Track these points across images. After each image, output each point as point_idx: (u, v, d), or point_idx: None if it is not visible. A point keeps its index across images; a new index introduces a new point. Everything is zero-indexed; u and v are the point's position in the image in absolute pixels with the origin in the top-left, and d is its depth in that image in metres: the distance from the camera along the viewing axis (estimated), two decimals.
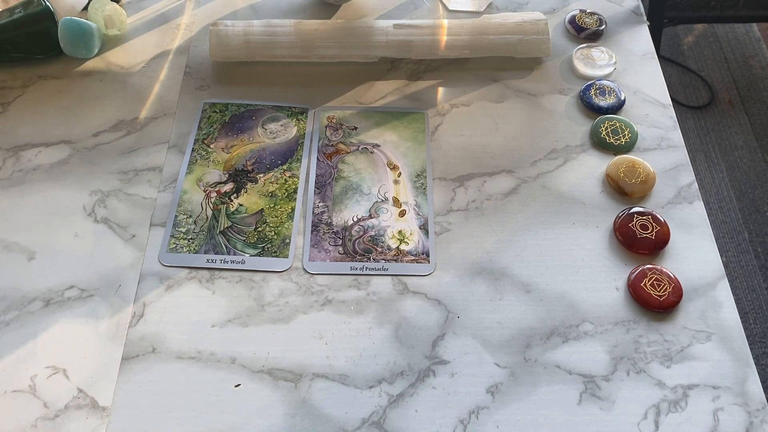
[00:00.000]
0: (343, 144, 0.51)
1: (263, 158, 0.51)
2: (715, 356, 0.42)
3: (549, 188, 0.50)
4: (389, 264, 0.45)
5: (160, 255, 0.45)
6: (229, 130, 0.52)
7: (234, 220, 0.47)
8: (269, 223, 0.47)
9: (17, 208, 0.48)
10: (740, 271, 1.23)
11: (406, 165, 0.51)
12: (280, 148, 0.51)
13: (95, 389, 0.40)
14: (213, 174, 0.49)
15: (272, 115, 0.53)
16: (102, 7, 0.58)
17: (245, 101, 0.54)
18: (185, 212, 0.47)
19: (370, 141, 0.52)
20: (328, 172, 0.50)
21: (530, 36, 0.57)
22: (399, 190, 0.49)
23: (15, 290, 0.44)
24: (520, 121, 0.54)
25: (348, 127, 0.52)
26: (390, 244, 0.46)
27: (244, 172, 0.50)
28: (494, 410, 0.40)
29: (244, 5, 0.62)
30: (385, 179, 0.50)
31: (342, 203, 0.48)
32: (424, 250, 0.46)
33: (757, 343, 1.13)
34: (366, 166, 0.50)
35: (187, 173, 0.49)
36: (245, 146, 0.51)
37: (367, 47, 0.57)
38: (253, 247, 0.46)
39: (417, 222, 0.47)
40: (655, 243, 0.46)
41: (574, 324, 0.43)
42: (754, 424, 0.39)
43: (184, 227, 0.47)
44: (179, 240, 0.46)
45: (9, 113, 0.54)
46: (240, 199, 0.48)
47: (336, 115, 0.53)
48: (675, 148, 0.52)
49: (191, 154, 0.51)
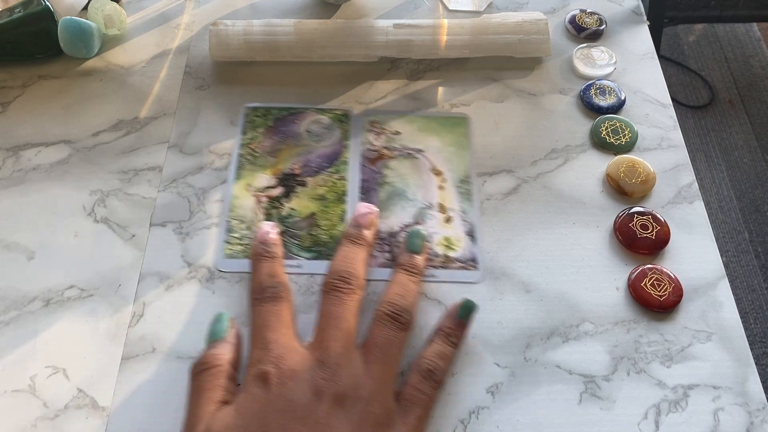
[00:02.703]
0: (387, 149, 0.51)
1: (310, 161, 0.50)
2: (715, 356, 0.42)
3: (549, 188, 0.50)
4: (437, 271, 0.45)
5: (216, 262, 0.45)
6: (273, 134, 0.52)
7: (287, 224, 0.47)
8: (322, 226, 0.47)
9: (17, 208, 0.48)
10: (740, 271, 1.22)
11: (450, 171, 0.50)
12: (325, 151, 0.51)
13: (95, 389, 0.40)
14: (262, 179, 0.49)
15: (315, 118, 0.52)
16: (102, 7, 0.58)
17: (287, 104, 0.54)
18: (237, 218, 0.47)
19: (414, 146, 0.51)
20: (373, 177, 0.49)
21: (530, 36, 0.57)
22: (444, 196, 0.48)
23: (15, 290, 0.44)
24: (520, 121, 0.54)
25: (391, 132, 0.52)
26: (437, 251, 0.46)
27: (293, 175, 0.49)
28: (494, 410, 0.40)
29: (244, 5, 0.62)
30: (429, 185, 0.49)
31: (388, 209, 0.48)
32: (472, 257, 0.46)
33: (757, 343, 1.13)
34: (410, 172, 0.50)
35: (236, 179, 0.49)
36: (291, 149, 0.51)
37: (367, 47, 0.57)
38: (308, 251, 0.46)
39: (463, 228, 0.47)
40: (655, 243, 0.46)
41: (575, 324, 0.43)
42: (755, 424, 0.39)
43: (237, 233, 0.46)
44: (234, 246, 0.46)
45: (9, 113, 0.54)
46: (291, 203, 0.48)
47: (378, 119, 0.53)
48: (675, 147, 0.52)
49: (238, 159, 0.50)
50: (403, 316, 0.40)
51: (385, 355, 0.38)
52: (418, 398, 0.38)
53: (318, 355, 0.38)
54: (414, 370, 0.39)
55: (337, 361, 0.37)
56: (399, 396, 0.38)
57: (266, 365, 0.37)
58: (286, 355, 0.38)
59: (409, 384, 0.39)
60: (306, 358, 0.38)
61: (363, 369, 0.37)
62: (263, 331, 0.39)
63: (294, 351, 0.38)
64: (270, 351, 0.38)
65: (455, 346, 0.41)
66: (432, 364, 0.39)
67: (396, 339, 0.39)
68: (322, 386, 0.36)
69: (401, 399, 0.38)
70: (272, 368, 0.37)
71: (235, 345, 0.40)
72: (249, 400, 0.36)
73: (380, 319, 0.40)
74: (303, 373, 0.37)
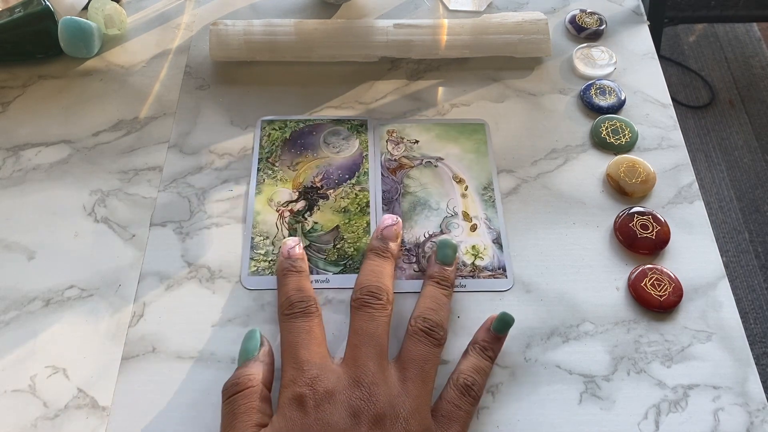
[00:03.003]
0: (406, 158, 0.50)
1: (330, 173, 0.50)
2: (715, 356, 0.42)
3: (549, 188, 0.50)
4: (466, 280, 0.45)
5: (243, 279, 0.45)
6: (291, 146, 0.51)
7: (311, 238, 0.46)
8: (347, 239, 0.46)
9: (17, 208, 0.48)
10: (740, 271, 1.22)
11: (471, 178, 0.50)
12: (345, 162, 0.50)
13: (95, 389, 0.40)
14: (283, 193, 0.48)
15: (333, 129, 0.52)
16: (102, 7, 0.58)
17: (303, 117, 0.53)
18: (261, 233, 0.46)
19: (433, 154, 0.51)
20: (394, 187, 0.49)
21: (530, 36, 0.57)
22: (467, 204, 0.48)
23: (15, 290, 0.44)
24: (520, 121, 0.54)
25: (409, 141, 0.51)
26: (465, 260, 0.46)
27: (314, 188, 0.49)
28: (494, 410, 0.40)
29: (244, 5, 0.62)
30: (452, 193, 0.49)
31: (411, 219, 0.47)
32: (500, 264, 0.45)
33: (757, 343, 1.13)
34: (432, 181, 0.49)
35: (256, 193, 0.49)
36: (310, 162, 0.50)
37: (368, 47, 0.57)
38: (335, 264, 0.45)
39: (489, 236, 0.47)
40: (655, 243, 0.46)
41: (575, 324, 0.43)
42: (755, 424, 0.39)
43: (262, 249, 0.46)
44: (260, 262, 0.45)
45: (9, 113, 0.54)
46: (314, 217, 0.47)
47: (396, 128, 0.52)
48: (675, 147, 0.52)
49: (257, 173, 0.50)
50: (437, 332, 0.39)
51: (421, 371, 0.37)
52: (456, 414, 0.37)
53: (353, 375, 0.37)
54: (450, 385, 0.38)
55: (372, 380, 0.36)
56: (435, 412, 0.37)
57: (301, 387, 0.36)
58: (320, 376, 0.37)
59: (446, 399, 0.38)
60: (341, 378, 0.37)
61: (399, 387, 0.37)
62: (296, 349, 0.38)
63: (328, 370, 0.37)
64: (304, 371, 0.37)
65: (492, 360, 0.40)
66: (469, 379, 0.38)
67: (431, 355, 0.38)
68: (359, 407, 0.35)
69: (438, 415, 0.37)
70: (308, 390, 0.36)
71: (267, 364, 0.39)
72: (286, 424, 0.35)
73: (414, 335, 0.39)
74: (339, 395, 0.36)
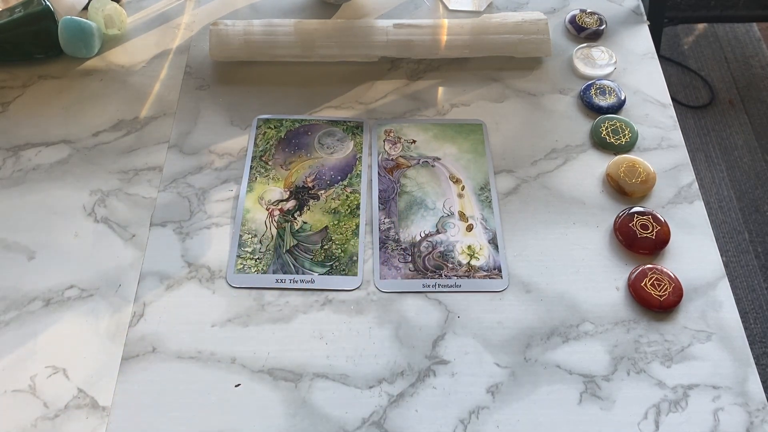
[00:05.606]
0: (403, 158, 0.51)
1: (323, 174, 0.50)
2: (715, 356, 0.42)
3: (549, 188, 0.50)
4: (462, 280, 0.45)
5: (228, 276, 0.45)
6: (285, 146, 0.51)
7: (299, 238, 0.46)
8: (335, 240, 0.46)
9: (17, 208, 0.48)
10: (740, 271, 1.22)
11: (468, 178, 0.50)
12: (338, 164, 0.50)
13: (95, 389, 0.40)
14: (274, 192, 0.49)
15: (328, 130, 0.52)
16: (102, 7, 0.58)
17: (299, 116, 0.53)
18: (249, 231, 0.47)
19: (431, 154, 0.51)
20: (391, 187, 0.49)
21: (530, 36, 0.57)
22: (464, 204, 0.48)
23: (15, 290, 0.44)
24: (520, 121, 0.54)
25: (407, 141, 0.52)
26: (460, 260, 0.46)
27: (305, 188, 0.49)
28: (494, 410, 0.40)
29: (244, 5, 0.62)
30: (448, 193, 0.49)
31: (408, 218, 0.47)
32: (496, 265, 0.45)
33: (757, 343, 1.13)
34: (428, 180, 0.50)
35: (247, 191, 0.49)
36: (304, 162, 0.50)
37: (368, 47, 0.57)
38: (321, 265, 0.45)
39: (485, 236, 0.47)
40: (655, 243, 0.46)
41: (575, 324, 0.43)
42: (755, 424, 0.39)
43: (249, 247, 0.46)
44: (246, 260, 0.45)
45: (9, 113, 0.54)
46: (303, 217, 0.47)
47: (393, 128, 0.52)
48: (675, 147, 0.52)
49: (250, 171, 0.50)
50: None
51: None
52: None
53: None
54: None
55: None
56: None
57: None
58: None
59: None
60: None
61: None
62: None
63: None
64: None
65: None
66: None
67: None
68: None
69: None
70: None
71: None
72: None
73: None
74: None
